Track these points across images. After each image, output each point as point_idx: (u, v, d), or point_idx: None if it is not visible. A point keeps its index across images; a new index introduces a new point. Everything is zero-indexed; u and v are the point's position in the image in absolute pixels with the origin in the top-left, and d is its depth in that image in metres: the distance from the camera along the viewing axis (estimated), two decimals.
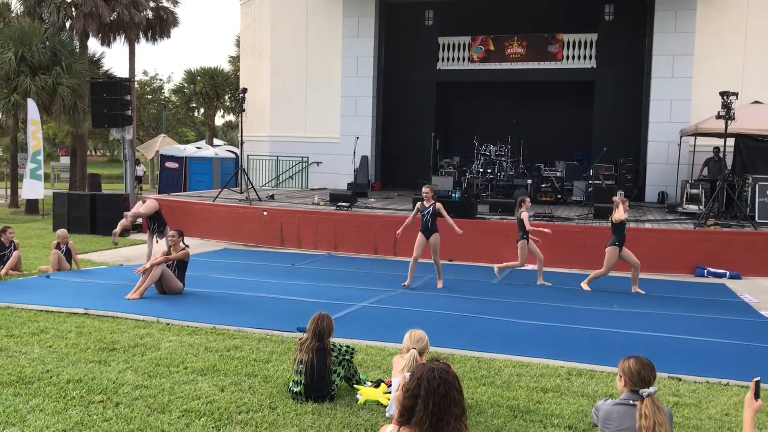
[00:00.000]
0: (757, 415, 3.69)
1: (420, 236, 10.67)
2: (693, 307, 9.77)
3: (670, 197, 18.44)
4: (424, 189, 10.70)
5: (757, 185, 14.45)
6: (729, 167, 15.91)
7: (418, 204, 10.78)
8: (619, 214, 10.48)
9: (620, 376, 3.87)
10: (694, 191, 15.73)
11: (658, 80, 19.23)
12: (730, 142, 15.27)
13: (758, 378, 3.56)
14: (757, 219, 13.92)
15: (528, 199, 11.47)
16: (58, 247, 11.36)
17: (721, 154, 15.09)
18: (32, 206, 21.86)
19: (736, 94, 13.47)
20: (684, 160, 18.12)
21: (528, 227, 11.04)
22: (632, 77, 20.78)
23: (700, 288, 11.43)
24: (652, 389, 3.70)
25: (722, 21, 18.75)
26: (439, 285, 10.78)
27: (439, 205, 10.57)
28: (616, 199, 10.81)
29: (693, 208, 15.25)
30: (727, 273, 12.34)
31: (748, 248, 12.59)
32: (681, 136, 17.81)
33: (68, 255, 11.46)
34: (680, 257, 12.64)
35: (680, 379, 6.36)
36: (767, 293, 11.07)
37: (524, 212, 11.06)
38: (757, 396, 3.51)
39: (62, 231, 11.79)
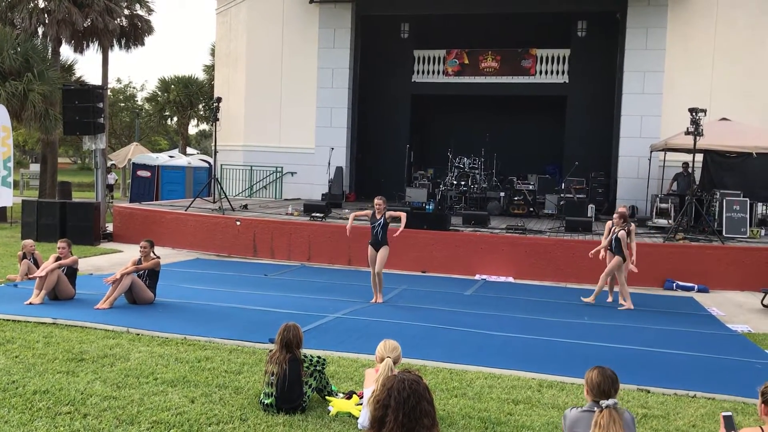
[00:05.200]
0: None
1: (370, 249, 10.22)
2: (662, 320, 9.91)
3: (640, 211, 18.70)
4: (377, 200, 10.19)
5: (724, 200, 14.72)
6: (697, 182, 16.19)
7: (368, 211, 10.29)
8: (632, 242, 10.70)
9: (585, 386, 3.99)
10: (664, 206, 15.98)
11: (629, 96, 19.54)
12: (699, 157, 15.55)
13: (729, 413, 3.66)
14: (724, 233, 14.16)
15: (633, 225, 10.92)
16: (24, 257, 11.16)
17: (690, 169, 15.35)
18: (0, 214, 21.47)
19: (704, 111, 13.72)
20: (654, 175, 18.41)
21: (627, 252, 10.59)
22: (604, 93, 21.10)
23: (668, 301, 11.60)
24: (611, 401, 3.77)
25: (692, 40, 19.15)
26: (378, 300, 10.31)
27: (389, 214, 10.12)
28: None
29: (662, 222, 15.48)
30: (696, 286, 12.53)
31: (715, 262, 12.80)
32: (651, 151, 18.09)
33: (35, 265, 11.25)
34: (650, 270, 12.80)
35: (648, 391, 6.44)
36: (734, 306, 11.27)
37: (622, 232, 10.59)
38: (727, 430, 3.62)
39: (28, 241, 11.58)
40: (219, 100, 18.18)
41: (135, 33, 28.94)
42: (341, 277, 12.82)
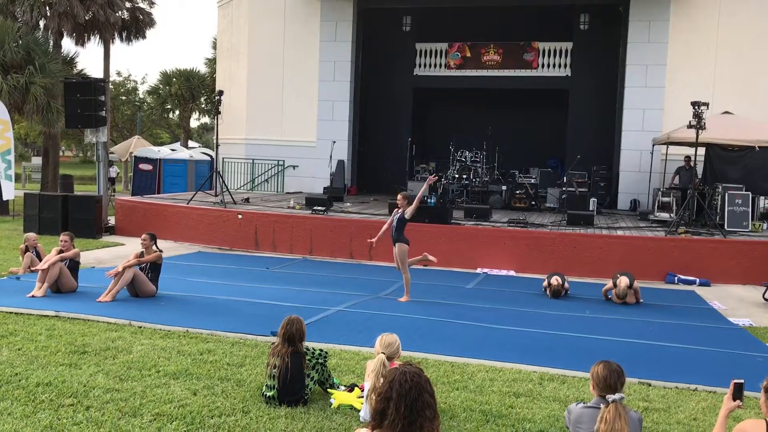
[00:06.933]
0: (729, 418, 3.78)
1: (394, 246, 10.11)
2: (663, 314, 9.91)
3: (642, 205, 18.68)
4: (399, 196, 10.09)
5: (726, 194, 14.69)
6: (699, 176, 16.16)
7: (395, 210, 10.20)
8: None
9: (590, 381, 3.97)
10: (666, 199, 15.95)
11: (631, 89, 19.48)
12: (701, 151, 15.51)
13: (741, 380, 3.65)
14: (726, 227, 14.14)
15: None
16: (27, 250, 11.18)
17: (692, 163, 15.32)
18: (2, 207, 21.49)
19: (707, 104, 13.67)
20: (656, 169, 18.38)
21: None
22: (606, 86, 21.04)
23: (670, 295, 11.59)
24: (618, 396, 3.77)
25: (694, 33, 19.07)
26: (404, 298, 10.05)
27: (404, 207, 9.91)
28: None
29: (664, 215, 15.46)
30: (697, 280, 12.52)
31: (717, 256, 12.79)
32: (653, 145, 18.06)
33: (38, 258, 11.27)
34: (651, 264, 12.81)
35: (650, 385, 6.45)
36: (736, 300, 11.27)
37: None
38: (735, 397, 3.61)
39: (31, 234, 11.60)
40: (221, 93, 18.16)
41: (136, 26, 28.86)
42: (343, 271, 12.83)
